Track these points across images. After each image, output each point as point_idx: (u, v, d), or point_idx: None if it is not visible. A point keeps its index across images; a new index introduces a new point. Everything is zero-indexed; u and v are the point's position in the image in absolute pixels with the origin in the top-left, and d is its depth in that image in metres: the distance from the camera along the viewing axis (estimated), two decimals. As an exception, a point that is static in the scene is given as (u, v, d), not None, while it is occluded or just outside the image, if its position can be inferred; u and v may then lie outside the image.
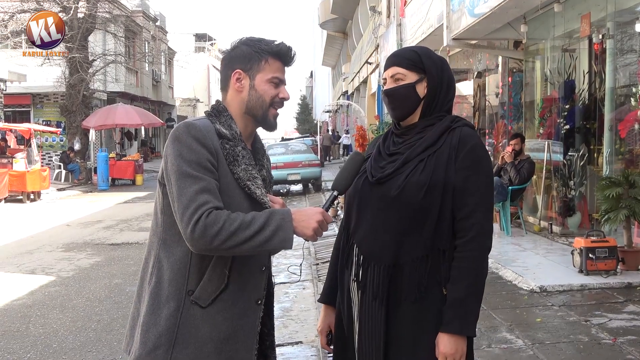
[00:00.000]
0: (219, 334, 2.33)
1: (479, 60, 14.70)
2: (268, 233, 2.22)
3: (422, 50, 2.62)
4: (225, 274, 2.33)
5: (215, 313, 2.33)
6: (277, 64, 2.44)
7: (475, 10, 10.17)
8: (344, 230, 2.68)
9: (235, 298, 2.35)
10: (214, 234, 2.18)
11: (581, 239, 7.46)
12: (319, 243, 11.44)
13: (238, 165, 2.35)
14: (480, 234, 2.44)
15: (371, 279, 2.49)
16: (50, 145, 30.61)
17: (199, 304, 2.32)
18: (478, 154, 2.49)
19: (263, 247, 2.23)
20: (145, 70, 37.37)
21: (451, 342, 2.38)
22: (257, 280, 2.41)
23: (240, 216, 2.23)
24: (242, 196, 2.34)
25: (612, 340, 5.35)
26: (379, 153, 2.63)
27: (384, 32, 21.91)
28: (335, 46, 48.69)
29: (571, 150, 9.88)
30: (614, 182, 7.49)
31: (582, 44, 10.20)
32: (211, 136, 2.32)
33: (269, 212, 2.27)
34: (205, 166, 2.26)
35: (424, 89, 2.55)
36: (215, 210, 2.22)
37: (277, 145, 25.38)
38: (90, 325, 6.82)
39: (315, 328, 6.25)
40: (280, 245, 2.25)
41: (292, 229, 2.25)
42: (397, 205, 2.45)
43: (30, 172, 20.27)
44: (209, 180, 2.25)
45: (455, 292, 2.40)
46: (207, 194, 2.23)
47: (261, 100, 2.43)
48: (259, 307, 2.41)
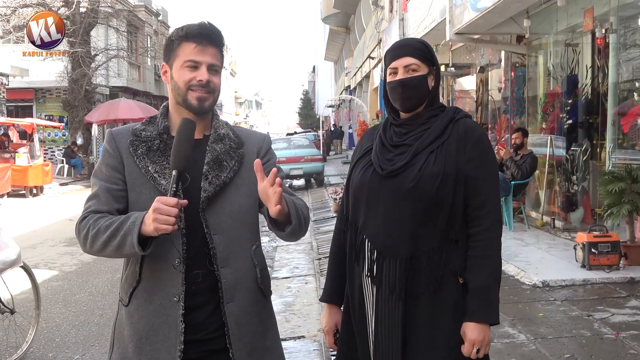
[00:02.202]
0: (137, 332, 2.29)
1: (481, 55, 14.68)
2: (119, 239, 2.16)
3: (426, 42, 2.64)
4: (137, 271, 2.30)
5: (134, 311, 2.31)
6: (189, 46, 2.30)
7: (478, 4, 10.14)
8: (351, 226, 2.63)
9: (150, 294, 2.28)
10: (83, 237, 2.25)
11: (584, 234, 7.46)
12: (320, 238, 11.45)
13: (148, 159, 2.29)
14: (494, 222, 2.47)
15: (387, 273, 2.48)
16: (52, 140, 30.61)
17: (122, 302, 2.36)
18: (485, 144, 2.54)
19: (120, 252, 2.19)
20: (147, 65, 37.33)
21: (478, 330, 2.41)
22: (172, 275, 2.26)
23: (103, 220, 2.22)
24: (151, 189, 2.27)
25: (615, 335, 5.35)
26: (383, 144, 2.59)
27: (387, 26, 21.89)
28: (338, 41, 48.64)
29: (574, 145, 9.86)
30: (616, 177, 7.48)
31: (585, 39, 10.17)
32: (120, 138, 2.35)
33: (125, 217, 2.20)
34: (104, 171, 2.33)
35: (432, 80, 2.57)
36: (90, 214, 2.27)
37: (279, 140, 25.40)
38: (93, 319, 6.84)
39: (318, 322, 6.26)
40: (131, 251, 2.15)
41: (138, 233, 2.12)
42: (412, 197, 2.44)
43: (32, 167, 20.31)
44: (100, 184, 2.31)
45: (477, 281, 2.42)
46: (93, 199, 2.31)
47: (177, 87, 2.33)
48: (178, 304, 2.25)
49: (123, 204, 2.31)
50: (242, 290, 2.34)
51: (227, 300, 2.30)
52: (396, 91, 2.55)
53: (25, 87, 28.77)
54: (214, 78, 2.33)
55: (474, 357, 2.42)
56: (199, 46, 2.30)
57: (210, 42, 2.32)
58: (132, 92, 34.73)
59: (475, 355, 2.42)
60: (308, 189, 21.64)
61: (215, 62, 2.33)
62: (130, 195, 2.31)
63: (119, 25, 30.26)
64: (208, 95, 2.32)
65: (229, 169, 2.35)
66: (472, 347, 2.41)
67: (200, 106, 2.32)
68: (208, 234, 2.29)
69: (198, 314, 2.30)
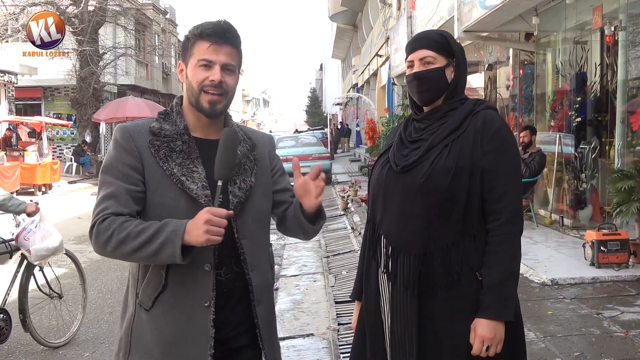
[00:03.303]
0: (163, 338, 2.24)
1: (490, 53, 14.65)
2: (155, 246, 2.10)
3: (447, 33, 2.59)
4: (162, 274, 2.23)
5: (158, 316, 2.24)
6: (204, 44, 2.25)
7: (487, 2, 10.12)
8: (369, 222, 2.64)
9: (177, 300, 2.23)
10: (105, 240, 2.16)
11: (593, 232, 7.44)
12: (328, 236, 11.46)
13: (172, 161, 2.23)
14: (513, 217, 2.41)
15: (401, 269, 2.46)
16: (61, 138, 30.72)
17: (143, 306, 2.28)
18: (504, 135, 2.46)
19: (153, 259, 2.14)
20: (155, 63, 37.42)
21: (490, 327, 2.35)
22: (201, 280, 2.22)
23: (132, 225, 2.14)
24: (177, 193, 2.21)
25: (624, 333, 5.34)
26: (401, 141, 2.59)
27: (394, 24, 21.85)
28: (345, 39, 48.60)
29: (583, 143, 9.83)
30: (626, 174, 7.46)
31: (594, 36, 10.14)
32: (138, 136, 2.26)
33: (161, 224, 2.13)
34: (120, 170, 2.22)
35: (451, 73, 2.54)
36: (112, 216, 2.17)
37: (287, 138, 25.42)
38: (103, 317, 6.88)
39: (326, 320, 6.27)
40: (168, 260, 2.12)
41: (181, 243, 2.08)
42: (424, 192, 2.42)
43: (41, 165, 20.40)
44: (117, 185, 2.20)
45: (492, 277, 2.37)
46: (110, 200, 2.19)
47: (191, 87, 2.28)
48: (208, 309, 2.21)
49: (142, 206, 2.24)
50: (266, 292, 2.39)
51: (257, 303, 2.31)
52: (412, 84, 2.54)
53: (34, 86, 28.90)
54: (228, 78, 2.28)
55: (484, 354, 2.36)
56: (213, 45, 2.24)
57: (225, 41, 2.26)
58: (140, 90, 34.82)
59: (485, 353, 2.36)
60: (316, 186, 21.62)
61: (230, 61, 2.28)
62: (153, 197, 2.23)
63: (126, 23, 30.34)
64: (220, 97, 2.27)
65: (250, 172, 2.34)
66: (481, 344, 2.35)
67: (212, 110, 2.28)
68: (237, 238, 2.27)
69: (227, 313, 2.28)
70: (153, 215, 2.21)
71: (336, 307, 6.65)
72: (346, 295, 6.92)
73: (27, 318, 5.66)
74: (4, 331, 5.53)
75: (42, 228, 5.63)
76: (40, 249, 5.55)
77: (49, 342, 5.87)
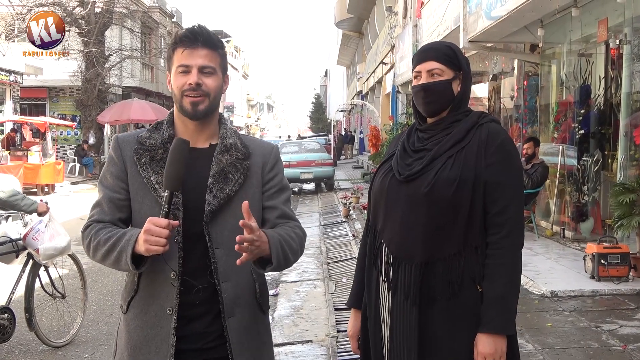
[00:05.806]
0: (132, 341, 2.30)
1: (494, 63, 14.67)
2: (115, 254, 2.18)
3: (454, 46, 2.59)
4: (135, 281, 2.30)
5: (131, 320, 2.31)
6: (180, 50, 2.28)
7: (492, 13, 10.15)
8: (370, 230, 2.64)
9: (146, 305, 2.28)
10: (86, 246, 2.28)
11: (593, 245, 7.45)
12: (330, 243, 11.47)
13: (150, 169, 2.27)
14: (514, 229, 2.41)
15: (402, 278, 2.46)
16: (65, 138, 30.80)
17: (122, 310, 2.37)
18: (508, 148, 2.47)
19: (117, 266, 2.20)
20: (160, 65, 37.47)
21: (491, 342, 2.34)
22: (167, 288, 2.24)
23: (103, 232, 2.22)
24: (153, 200, 2.25)
25: (622, 347, 5.34)
26: (404, 150, 2.59)
27: (400, 32, 21.91)
28: (351, 46, 48.72)
29: (585, 155, 9.84)
30: (627, 188, 7.47)
31: (599, 49, 10.15)
32: (125, 146, 2.33)
33: (122, 232, 2.20)
34: (108, 178, 2.34)
35: (457, 85, 2.54)
36: (94, 223, 2.29)
37: (290, 144, 25.43)
38: (103, 319, 6.89)
39: (326, 327, 6.28)
40: (126, 268, 2.17)
41: (131, 252, 2.12)
42: (427, 202, 2.41)
43: (44, 165, 20.45)
44: (104, 193, 2.33)
45: (493, 290, 2.37)
46: (96, 208, 2.33)
47: (174, 94, 2.31)
48: (171, 317, 2.23)
49: (126, 213, 2.31)
50: (242, 305, 2.32)
51: (228, 315, 2.28)
52: (419, 95, 2.54)
53: (39, 86, 29.01)
54: (207, 80, 2.28)
55: None
56: (187, 49, 2.27)
57: (199, 44, 2.27)
58: (145, 93, 34.91)
59: None
60: (318, 193, 21.66)
61: (207, 63, 2.28)
62: (133, 205, 2.30)
63: (133, 26, 30.45)
64: (201, 98, 2.27)
65: (233, 182, 2.30)
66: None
67: (195, 111, 2.27)
68: (210, 247, 2.25)
69: (198, 324, 2.28)
70: (135, 222, 2.29)
71: (336, 314, 6.65)
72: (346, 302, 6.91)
73: (32, 317, 5.71)
74: (7, 330, 5.55)
75: (51, 228, 5.69)
76: (48, 249, 5.60)
77: (52, 342, 5.90)
